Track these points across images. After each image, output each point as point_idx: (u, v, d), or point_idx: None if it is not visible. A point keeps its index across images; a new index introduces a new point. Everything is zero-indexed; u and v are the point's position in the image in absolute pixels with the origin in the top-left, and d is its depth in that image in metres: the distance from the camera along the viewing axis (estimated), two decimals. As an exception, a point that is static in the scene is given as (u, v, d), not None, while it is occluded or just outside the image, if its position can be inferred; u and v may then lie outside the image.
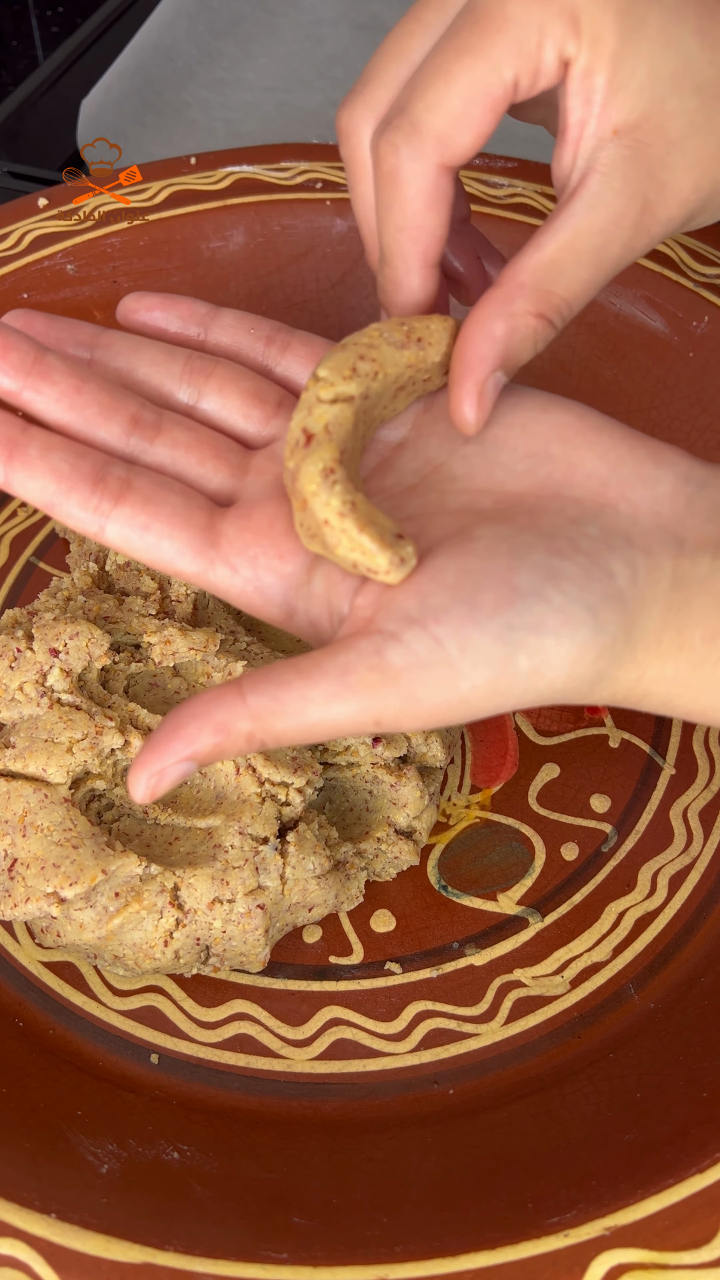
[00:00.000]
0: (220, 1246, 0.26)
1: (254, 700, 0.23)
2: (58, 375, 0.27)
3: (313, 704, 0.23)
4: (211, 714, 0.23)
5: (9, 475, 0.26)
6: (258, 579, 0.26)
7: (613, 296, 0.49)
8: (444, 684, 0.23)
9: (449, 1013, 0.34)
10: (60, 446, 0.26)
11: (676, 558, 0.25)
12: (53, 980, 0.34)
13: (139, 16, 0.71)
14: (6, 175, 0.59)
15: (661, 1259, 0.25)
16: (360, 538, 0.24)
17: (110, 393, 0.28)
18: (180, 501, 0.27)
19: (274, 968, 0.34)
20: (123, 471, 0.26)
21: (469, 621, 0.23)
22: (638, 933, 0.35)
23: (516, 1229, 0.26)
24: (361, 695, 0.23)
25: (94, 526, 0.26)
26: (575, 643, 0.23)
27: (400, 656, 0.23)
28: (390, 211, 0.27)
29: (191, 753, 0.23)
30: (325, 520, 0.24)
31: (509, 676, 0.23)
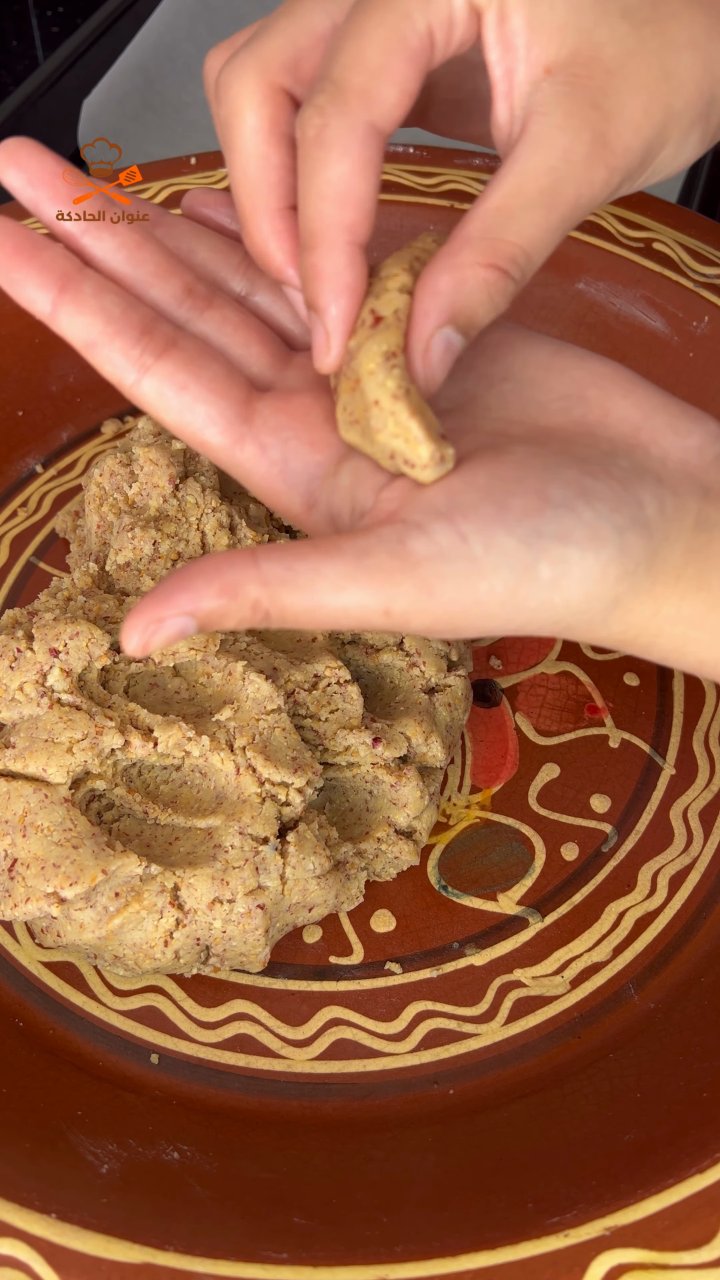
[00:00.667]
0: (220, 1246, 0.26)
1: (267, 566, 0.23)
2: (121, 227, 0.26)
3: (325, 580, 0.22)
4: (221, 572, 0.22)
5: (57, 309, 0.25)
6: (285, 462, 0.26)
7: (613, 296, 0.49)
8: (462, 580, 0.23)
9: (449, 1013, 0.34)
10: (114, 291, 0.26)
11: (702, 502, 0.25)
12: (53, 980, 0.34)
13: (139, 16, 0.71)
14: (6, 175, 0.59)
15: (661, 1259, 0.25)
16: (409, 422, 0.24)
17: (168, 257, 0.27)
18: (221, 370, 0.26)
19: (274, 968, 0.34)
20: (170, 330, 0.26)
21: (497, 522, 0.23)
22: (638, 933, 0.35)
23: (516, 1229, 0.26)
24: (377, 580, 0.22)
25: (131, 377, 0.26)
26: (599, 559, 0.23)
27: (423, 546, 0.23)
28: (314, 179, 0.25)
29: (194, 608, 0.22)
30: (376, 400, 0.24)
31: (528, 583, 0.23)
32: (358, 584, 0.22)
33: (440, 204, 0.51)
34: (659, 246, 0.49)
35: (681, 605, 0.25)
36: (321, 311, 0.26)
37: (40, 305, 0.25)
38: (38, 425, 0.49)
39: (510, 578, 0.23)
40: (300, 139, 0.25)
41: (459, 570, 0.23)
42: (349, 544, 0.23)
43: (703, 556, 0.25)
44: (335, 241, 0.25)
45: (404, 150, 0.53)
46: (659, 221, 0.50)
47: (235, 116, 0.26)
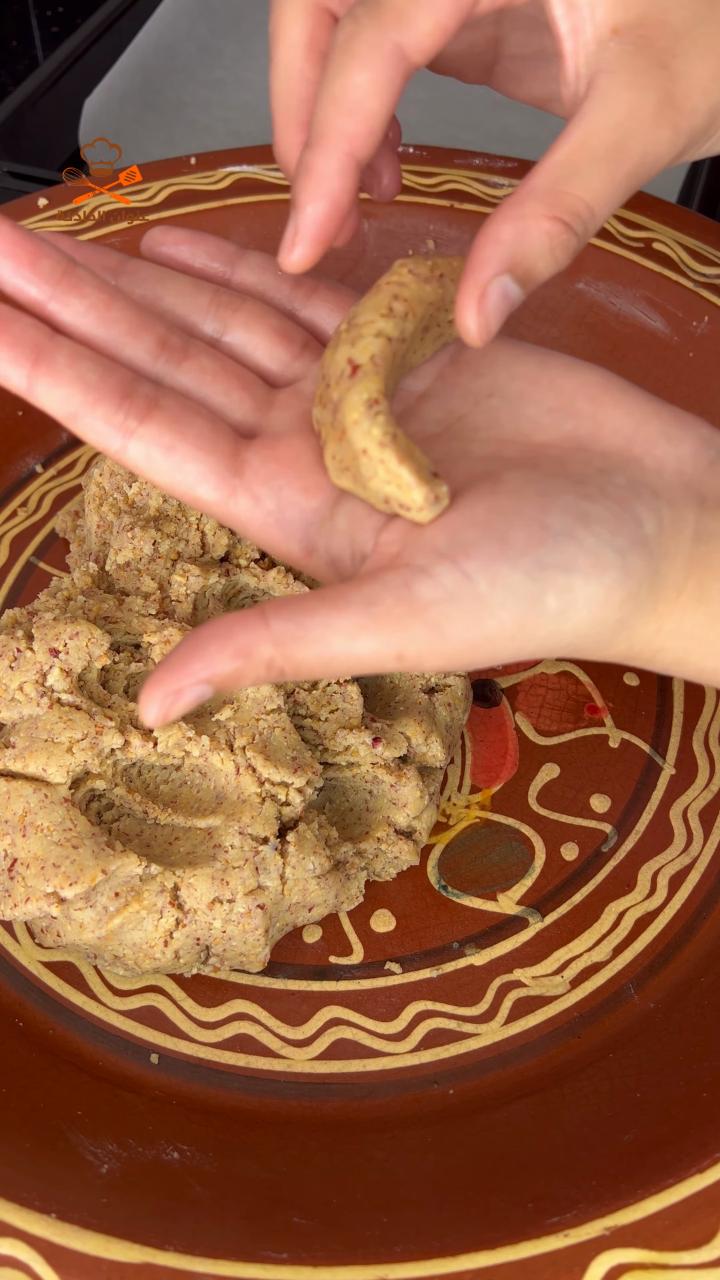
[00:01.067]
0: (220, 1246, 0.26)
1: (278, 625, 0.23)
2: (88, 288, 0.26)
3: (337, 633, 0.23)
4: (234, 636, 0.23)
5: (33, 383, 0.25)
6: (280, 511, 0.26)
7: (613, 296, 0.49)
8: (471, 619, 0.23)
9: (449, 1013, 0.34)
10: (89, 357, 0.25)
11: (699, 513, 0.25)
12: (53, 980, 0.34)
13: (139, 16, 0.71)
14: (6, 175, 0.59)
15: (661, 1259, 0.25)
16: (399, 469, 0.23)
17: (138, 312, 0.27)
18: (207, 425, 0.26)
19: (274, 968, 0.34)
20: (150, 390, 0.26)
21: (500, 558, 0.23)
22: (638, 933, 0.35)
23: (516, 1229, 0.26)
24: (387, 627, 0.23)
25: (116, 443, 0.25)
26: (604, 584, 0.23)
27: (429, 590, 0.23)
28: (331, 84, 0.25)
29: (210, 674, 0.22)
30: (364, 450, 0.24)
31: (536, 615, 0.23)
32: (369, 632, 0.23)
33: (440, 204, 0.51)
34: (659, 246, 0.49)
35: (683, 619, 0.25)
36: (299, 208, 0.26)
37: (16, 381, 0.25)
38: (38, 425, 0.49)
39: (518, 611, 0.23)
40: (332, 44, 0.26)
41: (467, 609, 0.23)
42: (356, 593, 0.23)
43: (701, 568, 0.25)
44: (333, 146, 0.25)
45: (404, 150, 0.53)
46: (659, 221, 0.50)
47: (280, 30, 0.27)
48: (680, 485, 0.25)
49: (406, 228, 0.52)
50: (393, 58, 0.25)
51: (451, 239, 0.52)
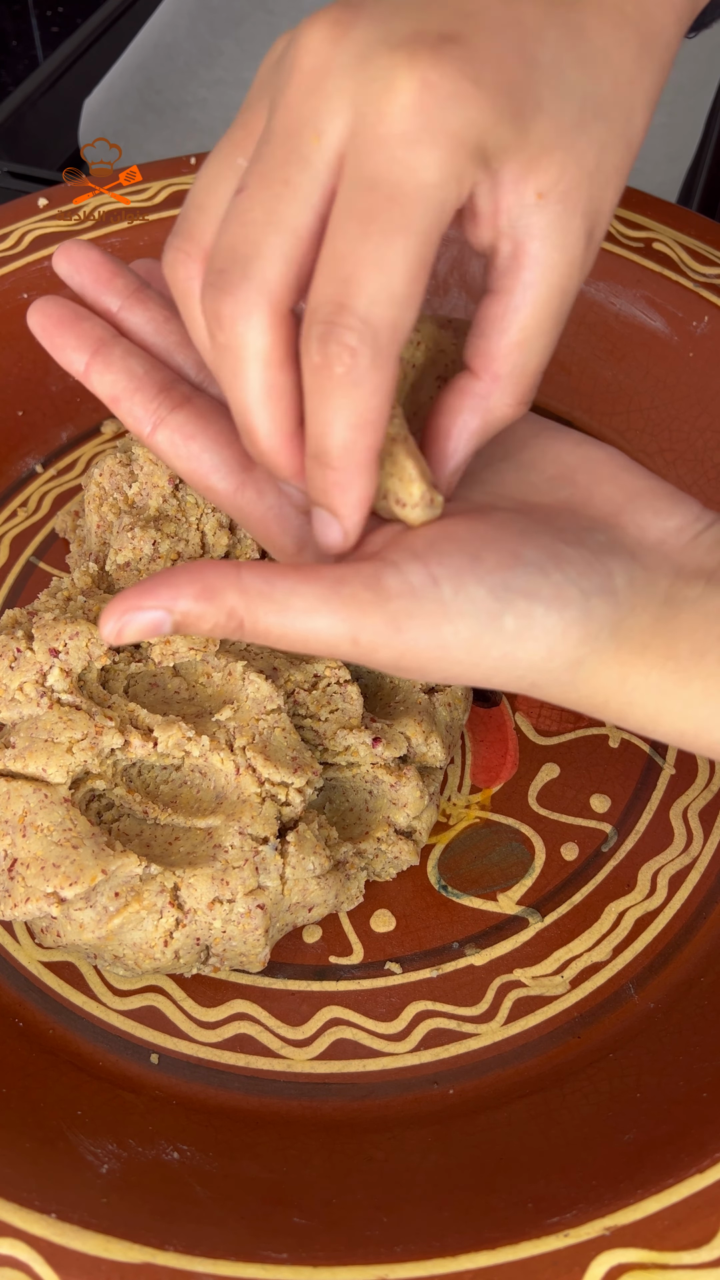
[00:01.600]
0: (220, 1246, 0.26)
1: (248, 578, 0.24)
2: (153, 305, 0.30)
3: (301, 600, 0.24)
4: (204, 574, 0.24)
5: (89, 368, 0.29)
6: (281, 507, 0.28)
7: (613, 296, 0.49)
8: (429, 621, 0.24)
9: (449, 1013, 0.34)
10: (140, 355, 0.29)
11: (673, 580, 0.26)
12: (53, 980, 0.34)
13: (139, 16, 0.71)
14: (6, 175, 0.59)
15: (661, 1259, 0.25)
16: (405, 461, 0.25)
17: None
18: (228, 425, 0.28)
19: (274, 968, 0.34)
20: (187, 389, 0.29)
21: (468, 571, 0.24)
22: (638, 933, 0.35)
23: (516, 1229, 0.26)
24: (349, 608, 0.24)
25: (147, 427, 0.28)
26: (562, 618, 0.24)
27: (396, 582, 0.24)
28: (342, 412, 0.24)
29: (172, 603, 0.24)
30: None
31: (492, 632, 0.24)
32: (330, 609, 0.24)
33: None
34: (659, 246, 0.49)
35: (650, 674, 0.26)
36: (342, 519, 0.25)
37: (76, 365, 0.29)
38: (38, 425, 0.49)
39: (475, 625, 0.24)
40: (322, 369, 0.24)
41: (427, 610, 0.24)
42: (328, 572, 0.24)
43: (670, 629, 0.26)
44: (361, 464, 0.25)
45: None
46: (659, 221, 0.50)
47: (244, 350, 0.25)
48: (659, 553, 0.27)
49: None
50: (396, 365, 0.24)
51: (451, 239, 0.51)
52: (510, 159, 0.24)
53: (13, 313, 0.48)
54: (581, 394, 0.50)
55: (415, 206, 0.23)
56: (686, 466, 0.47)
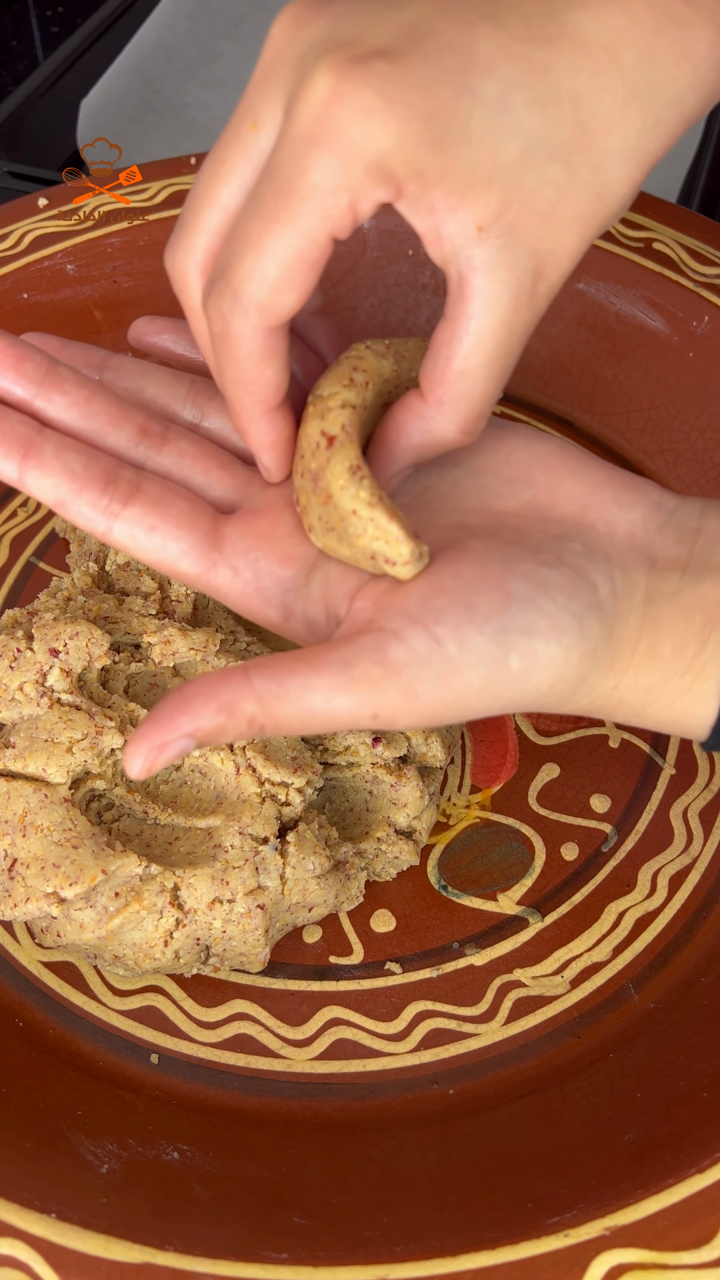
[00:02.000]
0: (220, 1246, 0.26)
1: (259, 683, 0.24)
2: (69, 385, 0.28)
3: (315, 692, 0.24)
4: (217, 692, 0.24)
5: (23, 473, 0.27)
6: (258, 581, 0.27)
7: (613, 296, 0.49)
8: (441, 681, 0.24)
9: (449, 1013, 0.34)
10: (74, 448, 0.27)
11: (649, 575, 0.27)
12: (53, 980, 0.34)
13: (139, 16, 0.71)
14: (6, 175, 0.59)
15: (661, 1259, 0.25)
16: (390, 525, 0.25)
17: (119, 404, 0.29)
18: (186, 505, 0.28)
19: (274, 968, 0.34)
20: (132, 475, 0.28)
21: (467, 623, 0.24)
22: (638, 933, 0.35)
23: (516, 1229, 0.26)
24: (363, 688, 0.24)
25: (102, 526, 0.27)
26: (562, 646, 0.25)
27: (401, 652, 0.24)
28: (226, 369, 0.27)
29: (194, 729, 0.24)
30: (354, 511, 0.25)
31: (502, 676, 0.25)
32: (346, 693, 0.24)
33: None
34: (659, 246, 0.49)
35: (639, 676, 0.27)
36: (258, 457, 0.29)
37: (8, 472, 0.27)
38: (38, 425, 0.49)
39: (484, 673, 0.24)
40: (210, 328, 0.27)
41: (437, 672, 0.24)
42: (333, 655, 0.24)
43: (653, 628, 0.27)
44: (252, 415, 0.27)
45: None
46: (659, 221, 0.50)
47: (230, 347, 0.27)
48: (631, 549, 0.27)
49: (406, 228, 0.52)
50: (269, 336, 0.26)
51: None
52: (434, 184, 0.24)
53: (13, 313, 0.48)
54: (581, 394, 0.50)
55: (300, 204, 0.24)
56: (686, 466, 0.47)
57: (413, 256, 0.52)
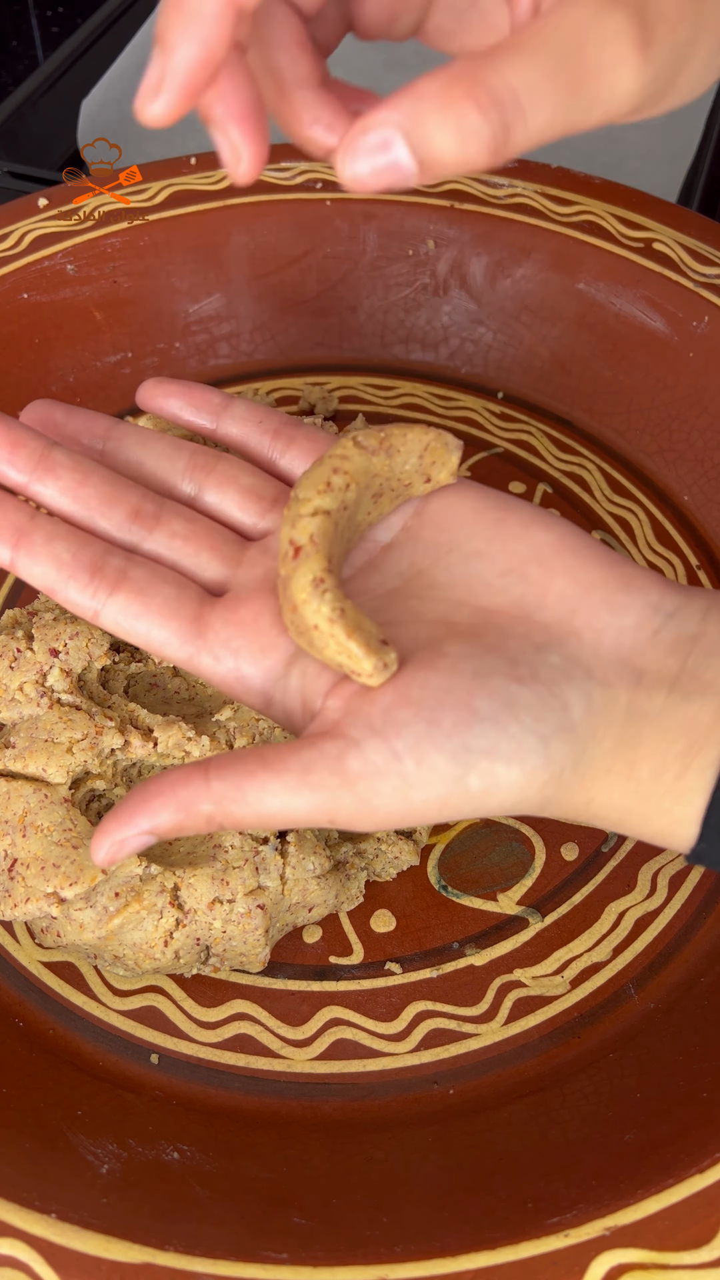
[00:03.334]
0: (220, 1246, 0.26)
1: (217, 785, 0.25)
2: (62, 470, 0.28)
3: (272, 796, 0.24)
4: (176, 793, 0.25)
5: (15, 559, 0.27)
6: (239, 669, 0.28)
7: (613, 296, 0.49)
8: (397, 794, 0.24)
9: (449, 1013, 0.34)
10: (63, 536, 0.28)
11: (633, 691, 0.25)
12: (53, 980, 0.34)
13: (139, 16, 0.71)
14: (6, 175, 0.59)
15: (661, 1259, 0.25)
16: (348, 643, 0.25)
17: (113, 484, 0.29)
18: (172, 592, 0.28)
19: (274, 968, 0.34)
20: (120, 561, 0.28)
21: (427, 739, 0.24)
22: (638, 933, 0.35)
23: (516, 1229, 0.26)
24: (319, 794, 0.24)
25: (90, 611, 0.28)
26: (524, 769, 0.24)
27: (359, 764, 0.24)
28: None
29: (152, 826, 0.25)
30: (315, 625, 0.25)
31: (460, 794, 0.24)
32: (301, 796, 0.24)
33: (440, 204, 0.51)
34: (659, 246, 0.49)
35: (613, 794, 0.26)
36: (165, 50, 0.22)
37: (1, 557, 0.28)
38: (38, 425, 0.49)
39: (442, 790, 0.24)
40: None
41: (394, 786, 0.24)
42: (294, 759, 0.25)
43: (630, 748, 0.25)
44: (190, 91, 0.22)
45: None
46: (659, 221, 0.50)
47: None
48: (617, 662, 0.26)
49: (406, 228, 0.52)
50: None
51: (451, 239, 0.52)
52: None
53: (13, 313, 0.48)
54: (581, 394, 0.50)
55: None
56: (686, 466, 0.47)
57: (412, 256, 0.52)
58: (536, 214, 0.51)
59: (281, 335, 0.53)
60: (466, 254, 0.52)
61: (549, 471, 0.48)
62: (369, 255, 0.52)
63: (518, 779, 0.24)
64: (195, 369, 0.52)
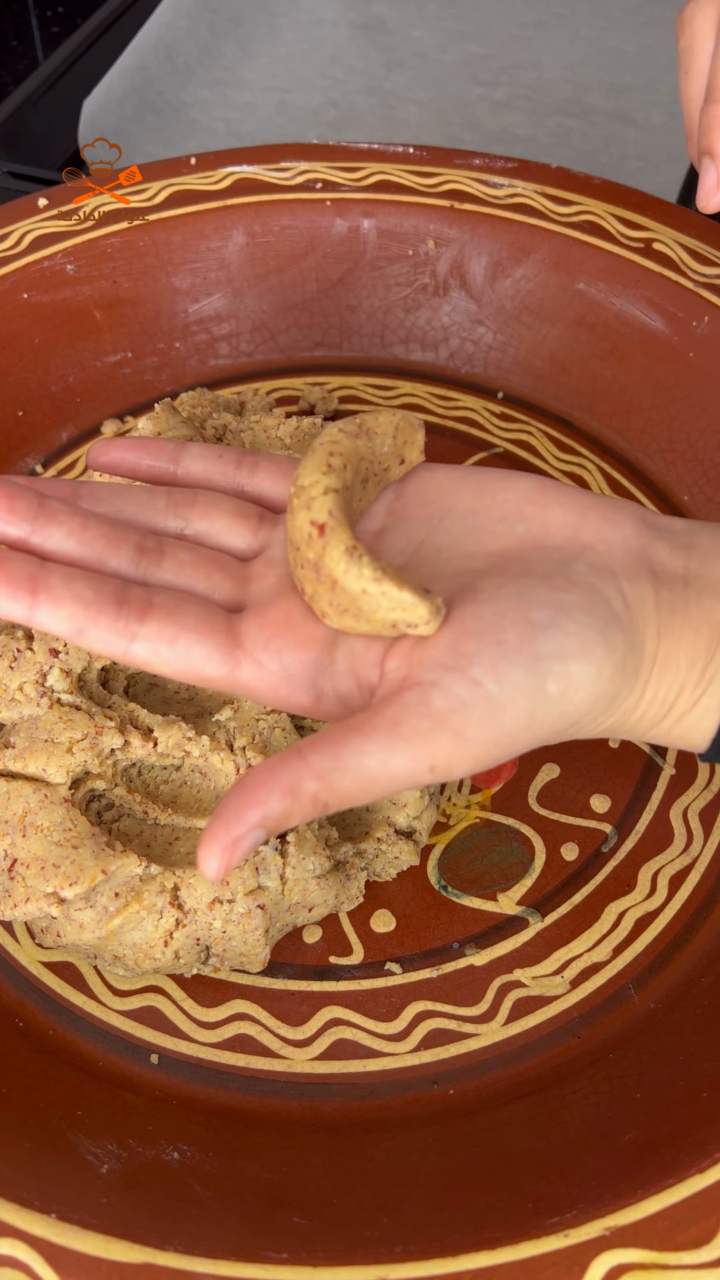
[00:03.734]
0: (220, 1246, 0.26)
1: (315, 760, 0.24)
2: (62, 516, 0.28)
3: (369, 757, 0.24)
4: (278, 777, 0.24)
5: (34, 609, 0.26)
6: (284, 670, 0.27)
7: (613, 296, 0.49)
8: (488, 719, 0.25)
9: (449, 1013, 0.34)
10: (81, 576, 0.27)
11: (655, 586, 0.27)
12: (53, 980, 0.34)
13: (139, 16, 0.71)
14: (6, 175, 0.59)
15: (661, 1259, 0.25)
16: (402, 594, 0.25)
17: (113, 526, 0.29)
18: (201, 610, 0.28)
19: (274, 968, 0.34)
20: (141, 592, 0.27)
21: (500, 659, 0.25)
22: (638, 933, 0.35)
23: (516, 1229, 0.26)
24: (414, 743, 0.24)
25: (121, 647, 0.27)
26: (592, 661, 0.25)
27: (444, 701, 0.25)
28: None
29: (263, 817, 0.24)
30: (363, 590, 0.25)
31: (543, 704, 0.25)
32: (398, 750, 0.24)
33: (440, 204, 0.51)
34: (659, 246, 0.49)
35: (659, 688, 0.28)
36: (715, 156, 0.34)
37: (18, 613, 0.26)
38: (38, 425, 0.49)
39: (526, 703, 0.25)
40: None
41: (482, 712, 0.25)
42: (379, 718, 0.25)
43: (668, 637, 0.27)
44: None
45: (404, 150, 0.53)
46: (659, 221, 0.50)
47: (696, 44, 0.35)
48: (632, 561, 0.28)
49: (406, 227, 0.52)
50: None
51: (451, 239, 0.52)
52: None
53: (13, 313, 0.48)
54: (581, 394, 0.50)
55: None
56: (686, 466, 0.47)
57: (413, 256, 0.52)
58: (536, 214, 0.51)
59: (281, 335, 0.53)
60: (466, 254, 0.52)
61: (549, 471, 0.48)
62: (369, 255, 0.52)
63: (589, 673, 0.25)
64: (195, 369, 0.52)
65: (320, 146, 0.53)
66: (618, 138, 0.67)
